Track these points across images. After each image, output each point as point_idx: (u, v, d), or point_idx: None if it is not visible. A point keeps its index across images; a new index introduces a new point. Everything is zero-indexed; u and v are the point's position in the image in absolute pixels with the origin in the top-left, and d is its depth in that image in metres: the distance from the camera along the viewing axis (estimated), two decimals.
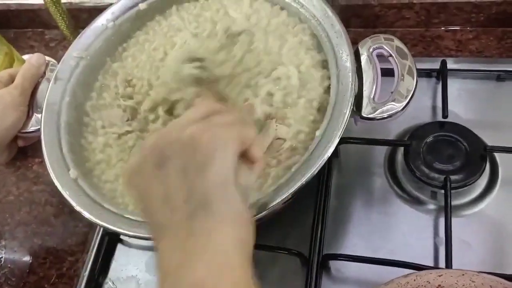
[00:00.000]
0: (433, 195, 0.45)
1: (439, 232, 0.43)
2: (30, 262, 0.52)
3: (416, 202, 0.46)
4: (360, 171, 0.48)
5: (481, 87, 0.51)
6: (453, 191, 0.43)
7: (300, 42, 0.44)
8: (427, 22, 0.56)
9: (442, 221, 0.43)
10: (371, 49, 0.42)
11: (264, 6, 0.47)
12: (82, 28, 0.51)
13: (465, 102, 0.50)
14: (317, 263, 0.42)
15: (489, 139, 0.46)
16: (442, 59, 0.51)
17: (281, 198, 0.35)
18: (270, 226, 0.46)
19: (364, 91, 0.40)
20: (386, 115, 0.39)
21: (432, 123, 0.47)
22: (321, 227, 0.44)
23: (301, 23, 0.46)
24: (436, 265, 0.42)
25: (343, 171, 0.49)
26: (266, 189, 0.37)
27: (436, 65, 0.51)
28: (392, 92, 0.40)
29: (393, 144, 0.49)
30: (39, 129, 0.44)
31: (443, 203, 0.43)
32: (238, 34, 0.43)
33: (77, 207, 0.38)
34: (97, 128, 0.46)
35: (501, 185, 0.44)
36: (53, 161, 0.41)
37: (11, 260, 0.52)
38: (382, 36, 0.42)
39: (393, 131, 0.50)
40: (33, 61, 0.48)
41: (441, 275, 0.34)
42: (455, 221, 0.42)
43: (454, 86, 0.51)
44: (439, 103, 0.49)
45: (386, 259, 0.41)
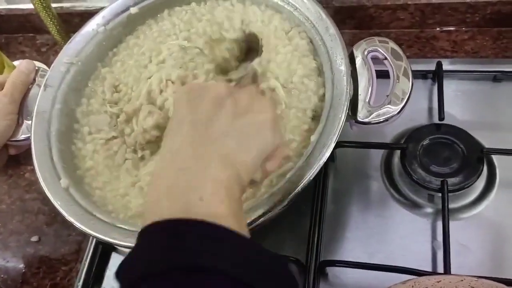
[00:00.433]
0: (430, 198, 0.45)
1: (437, 235, 0.43)
2: (23, 271, 0.51)
3: (413, 205, 0.45)
4: (356, 175, 0.48)
5: (477, 88, 0.51)
6: (450, 194, 0.42)
7: (295, 49, 0.43)
8: (422, 23, 0.56)
9: (439, 224, 0.43)
10: (366, 52, 0.41)
11: (255, 10, 0.47)
12: (73, 32, 0.50)
13: (462, 103, 0.50)
14: (315, 269, 0.42)
15: (486, 140, 0.46)
16: (437, 60, 0.51)
17: (277, 205, 0.35)
18: (266, 232, 0.45)
19: (359, 95, 0.40)
20: (382, 119, 0.39)
21: (428, 125, 0.47)
22: (318, 233, 0.43)
23: (296, 26, 0.45)
24: (434, 269, 0.41)
25: (339, 175, 0.48)
26: (261, 196, 0.36)
27: (431, 66, 0.51)
28: (387, 95, 0.39)
29: (390, 147, 0.49)
30: (29, 137, 0.44)
31: (440, 206, 0.42)
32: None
33: (69, 218, 0.38)
34: (85, 134, 0.45)
35: (499, 187, 0.44)
36: (44, 170, 0.41)
37: (4, 270, 0.51)
38: (376, 38, 0.42)
39: (389, 134, 0.49)
40: (22, 67, 0.47)
41: (440, 281, 0.33)
42: (453, 224, 0.41)
43: (450, 87, 0.50)
44: (435, 105, 0.49)
45: (384, 265, 0.40)
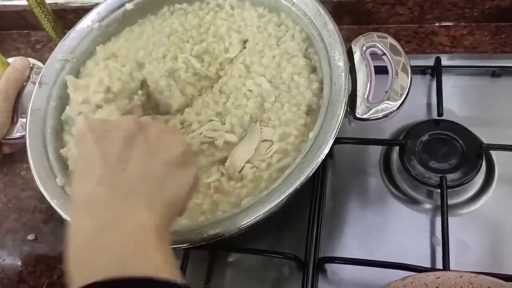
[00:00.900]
0: (429, 194, 0.45)
1: (436, 231, 0.43)
2: (20, 270, 0.50)
3: (412, 201, 0.45)
4: (355, 172, 0.48)
5: (476, 83, 0.50)
6: (449, 190, 0.42)
7: (284, 52, 0.43)
8: (421, 18, 0.56)
9: (438, 220, 0.43)
10: (364, 48, 0.41)
11: (251, 13, 0.46)
12: (68, 29, 0.49)
13: (460, 99, 0.50)
14: (313, 266, 0.42)
15: (485, 136, 0.45)
16: (436, 56, 0.50)
17: (276, 202, 0.35)
18: (264, 229, 0.45)
19: (358, 91, 0.39)
20: (381, 115, 0.38)
21: (427, 121, 0.47)
22: (316, 230, 0.43)
23: (291, 29, 0.45)
24: (433, 265, 0.41)
25: (338, 171, 0.48)
26: (260, 193, 0.36)
27: (430, 62, 0.51)
28: (386, 91, 0.39)
29: (388, 143, 0.48)
30: (24, 135, 0.43)
31: (439, 202, 0.42)
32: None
33: (66, 216, 0.37)
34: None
35: (498, 183, 0.44)
36: (40, 169, 0.40)
37: (1, 268, 0.51)
38: (375, 34, 0.42)
39: (388, 130, 0.49)
40: (17, 64, 0.47)
41: (439, 277, 0.33)
42: (451, 220, 0.41)
43: (448, 83, 0.50)
44: (434, 101, 0.49)
45: (382, 261, 0.40)
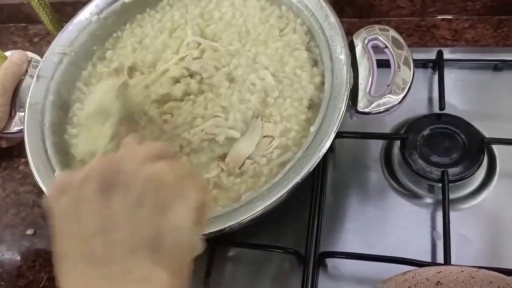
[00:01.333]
0: (431, 189, 0.45)
1: (437, 226, 0.43)
2: (19, 265, 0.50)
3: (413, 196, 0.45)
4: (356, 166, 0.47)
5: (478, 77, 0.50)
6: (450, 184, 0.42)
7: (287, 44, 0.42)
8: (422, 11, 0.55)
9: (439, 215, 0.42)
10: (366, 41, 0.40)
11: (253, 3, 0.46)
12: (66, 22, 0.49)
13: (462, 93, 0.49)
14: (314, 261, 0.42)
15: (486, 130, 0.45)
16: (438, 49, 0.50)
17: (277, 196, 0.34)
18: (265, 224, 0.45)
19: (359, 84, 0.39)
20: (382, 108, 0.38)
21: (428, 115, 0.46)
22: (317, 224, 0.43)
23: (292, 22, 0.44)
24: (434, 260, 0.41)
25: (339, 166, 0.48)
26: (259, 188, 0.36)
27: (432, 55, 0.50)
28: (388, 84, 0.39)
29: (389, 137, 0.48)
30: (22, 129, 0.43)
31: (440, 197, 0.42)
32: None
33: None
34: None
35: (499, 178, 0.44)
36: (38, 163, 0.40)
37: (0, 263, 0.51)
38: (377, 26, 0.41)
39: (389, 124, 0.48)
40: (14, 58, 0.46)
41: (440, 271, 0.33)
42: (453, 215, 0.41)
43: (450, 76, 0.50)
44: (436, 95, 0.48)
45: (383, 256, 0.40)
